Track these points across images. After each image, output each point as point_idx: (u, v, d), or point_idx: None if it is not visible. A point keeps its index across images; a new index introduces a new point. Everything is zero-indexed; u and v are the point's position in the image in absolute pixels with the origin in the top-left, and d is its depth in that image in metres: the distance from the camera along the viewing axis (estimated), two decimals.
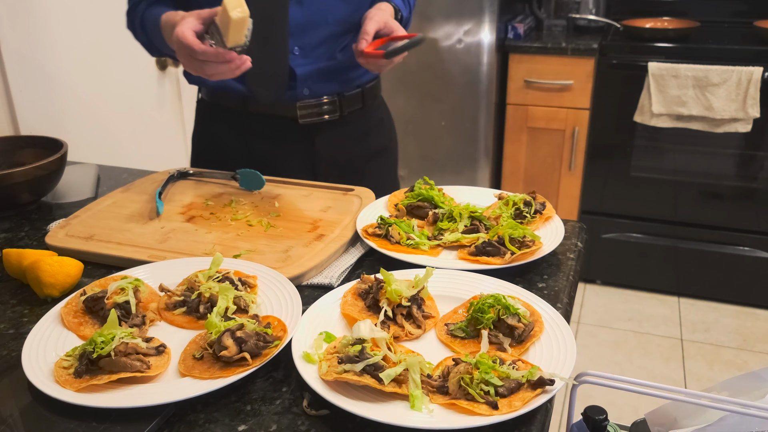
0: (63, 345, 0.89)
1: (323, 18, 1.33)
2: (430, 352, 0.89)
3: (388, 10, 1.34)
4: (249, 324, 0.85)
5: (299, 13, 1.30)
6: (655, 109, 2.74)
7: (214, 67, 1.11)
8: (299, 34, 1.33)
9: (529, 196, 1.25)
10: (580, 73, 2.84)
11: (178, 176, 1.43)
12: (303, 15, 1.30)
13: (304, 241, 1.15)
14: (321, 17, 1.33)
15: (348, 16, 1.36)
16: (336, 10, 1.34)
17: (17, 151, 1.44)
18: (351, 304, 0.97)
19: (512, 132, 3.04)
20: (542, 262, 1.11)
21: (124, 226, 1.22)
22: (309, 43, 1.34)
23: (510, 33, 2.95)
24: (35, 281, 1.01)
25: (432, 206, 1.24)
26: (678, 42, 2.80)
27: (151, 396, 0.78)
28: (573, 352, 0.85)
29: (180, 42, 1.10)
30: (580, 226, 1.25)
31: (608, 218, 3.10)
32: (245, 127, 1.45)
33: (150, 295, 1.00)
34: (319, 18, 1.33)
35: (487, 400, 0.75)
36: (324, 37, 1.36)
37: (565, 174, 3.03)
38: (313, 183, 1.39)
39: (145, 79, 2.35)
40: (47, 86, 1.97)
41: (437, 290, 1.01)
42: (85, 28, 2.05)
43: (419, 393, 0.77)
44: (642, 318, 3.00)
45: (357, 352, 0.80)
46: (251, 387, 0.83)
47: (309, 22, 1.31)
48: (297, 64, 1.37)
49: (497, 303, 0.90)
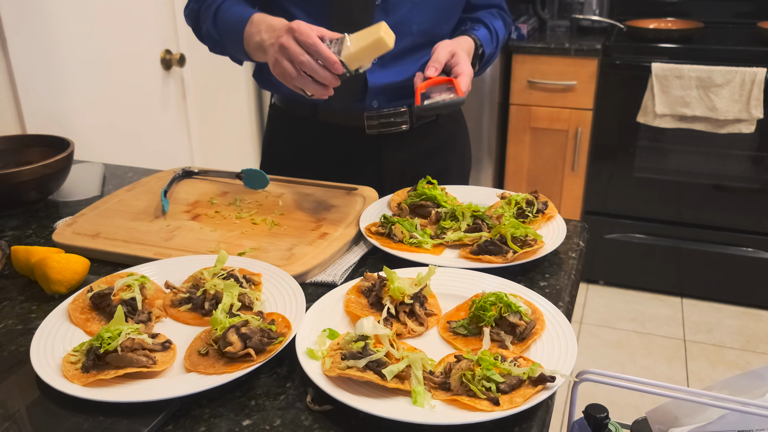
0: (70, 340, 0.90)
1: (408, 28, 1.29)
2: (432, 349, 0.90)
3: (464, 44, 1.27)
4: (253, 320, 0.87)
5: (384, 21, 1.21)
6: (659, 109, 2.75)
7: (318, 72, 1.06)
8: None
9: (531, 195, 1.26)
10: (583, 73, 2.85)
11: (184, 175, 1.44)
12: (387, 23, 1.19)
13: (307, 239, 1.16)
14: (405, 27, 1.29)
15: (433, 27, 1.32)
16: (421, 21, 1.30)
17: (24, 150, 1.46)
18: (354, 302, 0.98)
19: (515, 132, 3.05)
20: (544, 261, 1.12)
21: (130, 224, 1.24)
22: (389, 53, 1.22)
23: (514, 34, 2.95)
24: (43, 278, 1.02)
25: (435, 205, 1.25)
26: (681, 43, 2.81)
27: (157, 391, 0.79)
28: (574, 350, 0.86)
29: (299, 32, 1.04)
30: (582, 225, 1.25)
31: (611, 219, 3.10)
32: (314, 135, 1.43)
33: (156, 292, 1.01)
34: (404, 27, 1.28)
35: (489, 396, 0.76)
36: (405, 47, 1.31)
37: (568, 174, 3.04)
38: (317, 182, 1.40)
39: (150, 79, 2.37)
40: (54, 85, 1.98)
41: (439, 288, 1.02)
42: (91, 27, 2.06)
43: (421, 389, 0.78)
44: (645, 318, 3.00)
45: (360, 348, 0.81)
46: (256, 382, 0.85)
47: (392, 30, 1.21)
48: (372, 74, 1.32)
49: (499, 301, 0.91)
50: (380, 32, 1.04)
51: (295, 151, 1.47)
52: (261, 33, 1.16)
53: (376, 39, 1.04)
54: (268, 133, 1.54)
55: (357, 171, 1.43)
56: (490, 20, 1.41)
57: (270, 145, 1.54)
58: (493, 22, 1.41)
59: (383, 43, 1.04)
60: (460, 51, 1.22)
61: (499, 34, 1.42)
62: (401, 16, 1.28)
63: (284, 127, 1.48)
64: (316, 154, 1.45)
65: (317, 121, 1.41)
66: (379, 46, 1.05)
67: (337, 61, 1.05)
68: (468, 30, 1.35)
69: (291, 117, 1.46)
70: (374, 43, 1.04)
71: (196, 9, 1.35)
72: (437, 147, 1.48)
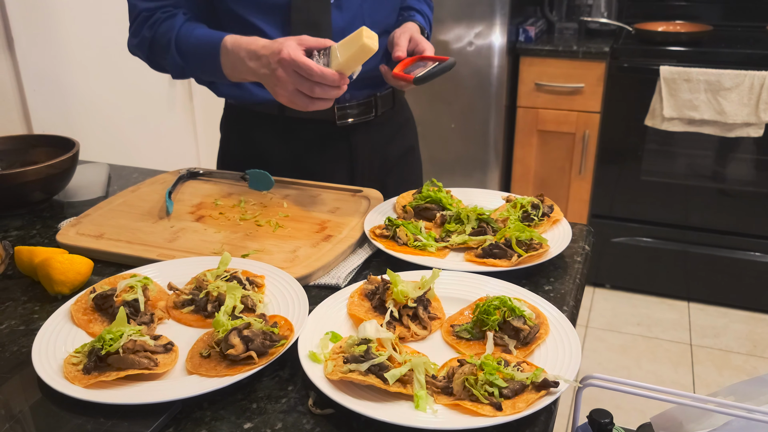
0: (72, 342, 0.90)
1: (361, 22, 1.35)
2: (435, 353, 0.89)
3: (414, 28, 1.37)
4: (256, 323, 0.86)
5: (339, 18, 1.31)
6: (667, 113, 2.73)
7: (327, 91, 1.10)
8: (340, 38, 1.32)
9: (537, 198, 1.25)
10: (591, 76, 2.84)
11: (188, 176, 1.44)
12: (343, 19, 1.32)
13: (311, 241, 1.16)
14: (359, 21, 1.34)
15: (384, 18, 1.40)
16: (372, 14, 1.36)
17: (30, 150, 1.46)
18: (357, 305, 0.97)
19: (522, 135, 3.04)
20: (549, 265, 1.11)
21: (134, 225, 1.23)
22: None
23: (521, 36, 2.94)
24: (46, 278, 1.02)
25: (440, 208, 1.24)
26: (690, 46, 2.79)
27: (158, 393, 0.79)
28: (578, 355, 0.85)
29: (291, 63, 1.08)
30: (588, 229, 1.25)
31: (618, 222, 3.09)
32: (282, 131, 1.44)
33: (159, 293, 1.01)
34: (357, 22, 1.34)
35: (491, 401, 0.76)
36: None
37: (575, 177, 3.02)
38: (321, 184, 1.39)
39: (157, 80, 2.37)
40: (60, 86, 1.99)
41: (443, 292, 1.01)
42: (98, 28, 2.07)
43: (424, 393, 0.78)
44: (651, 322, 2.99)
45: (362, 352, 0.80)
46: (257, 385, 0.84)
47: (348, 25, 1.32)
48: None
49: (503, 305, 0.90)
50: (362, 38, 1.07)
51: (258, 149, 1.48)
52: (246, 61, 1.17)
53: (360, 46, 1.07)
54: (227, 134, 1.55)
55: (327, 161, 1.47)
56: (419, 6, 1.53)
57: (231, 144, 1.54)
58: (421, 6, 1.53)
59: (367, 47, 1.08)
60: (416, 34, 1.34)
61: (429, 17, 1.55)
62: (354, 12, 1.34)
63: (245, 126, 1.49)
64: (283, 150, 1.46)
65: (285, 118, 1.43)
66: (365, 51, 1.08)
67: (342, 78, 1.10)
68: (408, 18, 1.46)
69: (253, 115, 1.46)
70: (359, 49, 1.08)
71: (148, 37, 1.29)
72: (397, 130, 1.55)
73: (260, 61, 1.15)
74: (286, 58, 1.08)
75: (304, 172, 1.44)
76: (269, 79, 1.14)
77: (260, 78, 1.17)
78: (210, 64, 1.24)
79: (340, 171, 1.47)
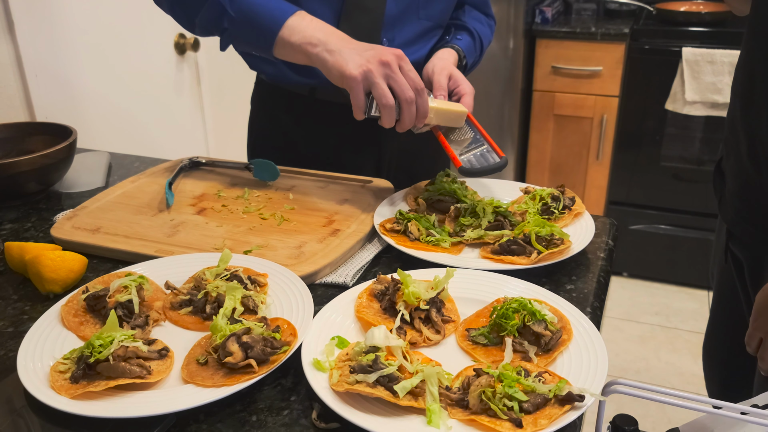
0: (62, 346, 0.84)
1: (415, 12, 1.30)
2: (449, 359, 0.83)
3: (451, 59, 1.29)
4: (256, 328, 0.80)
5: (393, 6, 1.26)
6: (689, 96, 2.64)
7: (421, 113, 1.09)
8: (389, 27, 1.29)
9: (557, 190, 1.18)
10: (609, 59, 2.75)
11: (190, 166, 1.38)
12: (396, 7, 1.27)
13: (318, 236, 1.10)
14: (412, 11, 1.30)
15: (439, 12, 1.34)
16: (426, 5, 1.31)
17: (27, 138, 1.40)
18: (366, 306, 0.91)
19: (538, 120, 2.95)
20: (570, 262, 1.04)
21: (133, 218, 1.18)
22: (397, 37, 1.30)
23: (537, 17, 2.86)
24: (36, 276, 0.97)
25: (454, 200, 1.17)
26: (714, 26, 2.69)
27: (150, 405, 0.73)
28: (605, 363, 0.79)
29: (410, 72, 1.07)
30: (611, 222, 1.18)
31: (636, 209, 3.01)
32: (310, 112, 1.39)
33: (155, 292, 0.95)
34: (411, 12, 1.29)
35: (511, 417, 0.69)
36: (413, 33, 1.32)
37: (592, 163, 2.94)
38: (329, 174, 1.33)
39: (163, 64, 2.31)
40: (63, 71, 1.93)
41: (458, 292, 0.94)
42: (101, 12, 2.00)
43: (437, 407, 0.72)
44: (670, 312, 2.91)
45: (370, 361, 0.74)
46: (258, 395, 0.78)
47: (401, 14, 1.27)
48: None
49: (522, 308, 0.83)
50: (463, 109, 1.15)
51: (288, 132, 1.41)
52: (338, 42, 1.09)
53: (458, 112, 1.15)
54: (256, 113, 1.48)
55: (355, 150, 1.41)
56: (474, 25, 1.42)
57: (257, 126, 1.48)
58: (477, 27, 1.42)
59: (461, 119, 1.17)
60: (455, 71, 1.25)
61: (483, 41, 1.44)
62: (409, 2, 1.28)
63: (275, 106, 1.42)
64: (311, 129, 1.40)
65: (315, 100, 1.36)
66: (457, 117, 1.16)
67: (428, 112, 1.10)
68: (450, 40, 1.37)
69: (283, 94, 1.39)
70: (456, 114, 1.15)
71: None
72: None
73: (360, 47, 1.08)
74: (402, 56, 1.07)
75: (330, 156, 1.39)
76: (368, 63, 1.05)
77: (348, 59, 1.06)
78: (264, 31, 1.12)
79: (367, 156, 1.41)
